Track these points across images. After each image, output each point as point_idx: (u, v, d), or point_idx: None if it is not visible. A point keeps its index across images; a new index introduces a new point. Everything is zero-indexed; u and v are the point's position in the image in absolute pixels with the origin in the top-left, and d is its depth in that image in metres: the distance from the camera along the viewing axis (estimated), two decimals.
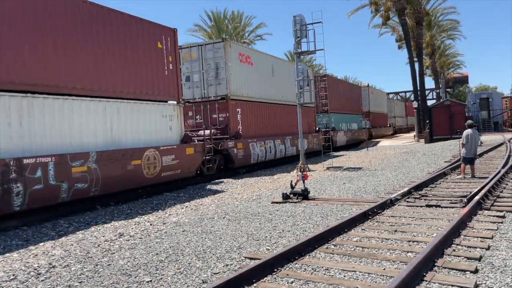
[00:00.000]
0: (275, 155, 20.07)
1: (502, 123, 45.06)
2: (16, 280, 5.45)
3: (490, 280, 4.59)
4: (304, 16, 16.25)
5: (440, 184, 11.24)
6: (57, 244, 7.26)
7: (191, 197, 11.97)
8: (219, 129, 16.80)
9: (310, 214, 8.33)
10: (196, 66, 17.45)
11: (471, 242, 5.93)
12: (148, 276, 5.31)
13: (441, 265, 5.00)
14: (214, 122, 17.11)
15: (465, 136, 12.19)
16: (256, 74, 19.15)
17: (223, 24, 42.93)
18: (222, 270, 5.37)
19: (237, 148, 16.78)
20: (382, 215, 7.89)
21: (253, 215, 8.57)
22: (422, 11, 39.33)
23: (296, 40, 16.38)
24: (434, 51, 55.48)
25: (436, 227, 6.81)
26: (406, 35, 37.34)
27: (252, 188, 12.99)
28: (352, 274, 4.94)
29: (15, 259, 6.47)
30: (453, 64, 69.78)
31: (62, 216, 9.64)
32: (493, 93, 48.26)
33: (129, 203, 11.12)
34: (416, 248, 5.73)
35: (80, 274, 5.53)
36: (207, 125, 16.63)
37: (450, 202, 8.55)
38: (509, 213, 7.57)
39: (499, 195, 9.05)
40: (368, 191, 10.90)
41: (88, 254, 6.47)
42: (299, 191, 9.95)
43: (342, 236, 6.56)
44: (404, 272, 4.41)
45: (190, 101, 17.50)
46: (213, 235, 7.12)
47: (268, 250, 6.12)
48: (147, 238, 7.30)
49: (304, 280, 4.81)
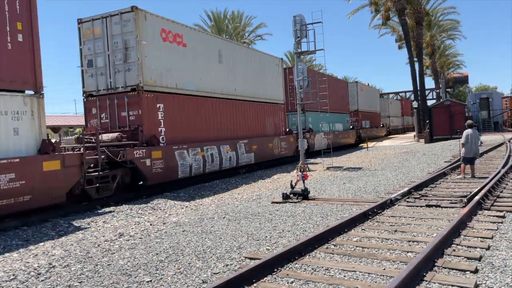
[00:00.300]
0: (221, 165, 15.47)
1: (502, 123, 45.07)
2: (16, 280, 5.45)
3: (490, 280, 4.59)
4: (304, 16, 16.24)
5: (440, 184, 11.23)
6: (57, 244, 7.26)
7: (191, 197, 11.96)
8: (127, 132, 12.30)
9: (310, 214, 8.33)
10: (100, 46, 12.87)
11: (471, 242, 5.93)
12: (148, 276, 5.31)
13: (441, 265, 5.00)
14: (124, 122, 12.63)
15: (465, 136, 12.18)
16: (192, 59, 14.51)
17: (223, 24, 42.96)
18: (222, 270, 5.37)
19: (152, 158, 12.19)
20: (382, 215, 7.89)
21: (253, 215, 8.57)
22: (422, 11, 39.34)
23: (296, 40, 16.37)
24: (434, 51, 55.50)
25: (436, 227, 6.81)
26: (406, 35, 37.35)
27: (252, 188, 12.99)
28: (352, 274, 4.94)
29: (15, 259, 6.47)
30: (453, 64, 69.83)
31: (62, 216, 9.64)
32: (493, 93, 48.27)
33: (129, 203, 11.11)
34: (416, 248, 5.72)
35: (80, 274, 5.53)
36: (114, 126, 12.71)
37: (450, 202, 8.55)
38: (509, 213, 7.57)
39: (499, 195, 9.05)
40: (368, 191, 10.90)
41: (88, 254, 6.47)
42: (299, 191, 9.95)
43: (342, 236, 6.56)
44: (404, 272, 4.41)
45: (93, 93, 13.09)
46: (213, 235, 7.12)
47: (268, 250, 6.12)
48: (147, 238, 7.30)
49: (304, 280, 4.81)
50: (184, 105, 14.13)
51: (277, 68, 21.44)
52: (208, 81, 15.43)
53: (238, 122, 17.34)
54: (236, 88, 17.24)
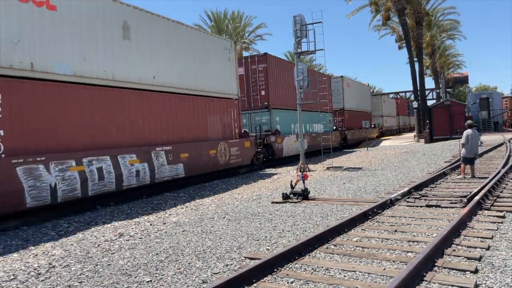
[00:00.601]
0: (120, 182, 11.02)
1: (502, 123, 45.11)
2: (16, 280, 5.45)
3: (490, 280, 4.59)
4: (304, 16, 16.25)
5: (440, 184, 11.24)
6: (57, 244, 7.26)
7: (191, 197, 11.96)
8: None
9: (310, 214, 8.33)
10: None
11: (471, 242, 5.93)
12: (148, 276, 5.31)
13: (441, 265, 5.00)
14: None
15: (465, 136, 12.19)
16: (68, 29, 10.18)
17: (223, 24, 42.96)
18: (222, 270, 5.37)
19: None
20: (382, 215, 7.89)
21: (253, 215, 8.57)
22: (422, 11, 39.33)
23: (296, 40, 16.37)
24: (434, 51, 55.47)
25: (436, 227, 6.81)
26: (406, 35, 37.34)
27: (252, 188, 12.99)
28: (352, 274, 4.94)
29: (15, 259, 6.47)
30: (453, 64, 69.79)
31: (62, 216, 9.64)
32: (493, 93, 48.28)
33: (129, 203, 11.11)
34: (416, 248, 5.72)
35: (80, 274, 5.53)
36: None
37: (450, 202, 8.55)
38: (509, 213, 7.57)
39: (499, 195, 9.05)
40: (368, 191, 10.90)
41: (88, 254, 6.47)
42: (299, 191, 9.95)
43: (342, 236, 6.56)
44: (404, 272, 4.41)
45: None
46: (213, 235, 7.12)
47: (268, 250, 6.12)
48: (147, 238, 7.30)
49: (304, 280, 4.81)
50: (51, 96, 9.73)
51: (228, 53, 16.68)
52: (99, 63, 10.95)
53: (159, 122, 12.84)
54: (156, 76, 12.83)
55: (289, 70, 22.44)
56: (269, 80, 20.32)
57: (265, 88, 20.18)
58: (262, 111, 20.54)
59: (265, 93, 20.26)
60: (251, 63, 20.53)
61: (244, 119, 20.30)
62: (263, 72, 20.29)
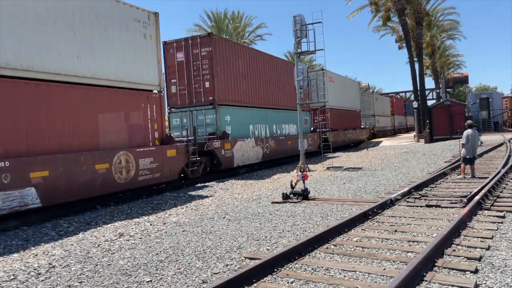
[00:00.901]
0: None
1: (502, 123, 45.12)
2: (16, 280, 5.45)
3: (490, 280, 4.59)
4: (304, 16, 16.25)
5: (440, 184, 11.23)
6: (57, 244, 7.26)
7: (191, 197, 11.96)
8: None
9: (310, 214, 8.33)
10: None
11: (471, 242, 5.93)
12: (148, 276, 5.31)
13: (441, 265, 5.00)
14: None
15: (465, 136, 12.19)
16: None
17: (223, 24, 42.96)
18: (222, 270, 5.37)
19: None
20: (382, 215, 7.89)
21: (253, 215, 8.57)
22: (422, 11, 39.36)
23: (296, 40, 16.38)
24: (434, 51, 55.50)
25: (436, 227, 6.81)
26: (406, 35, 37.36)
27: (252, 188, 12.99)
28: (352, 274, 4.94)
29: (15, 259, 6.47)
30: (453, 64, 69.83)
31: (62, 216, 9.64)
32: (493, 93, 48.30)
33: (129, 203, 11.12)
34: (416, 248, 5.72)
35: (80, 274, 5.53)
36: None
37: (450, 202, 8.55)
38: (509, 213, 7.57)
39: (499, 195, 9.05)
40: (368, 191, 10.90)
41: (88, 254, 6.47)
42: (299, 191, 9.95)
43: (342, 236, 6.56)
44: (404, 272, 4.41)
45: None
46: (213, 235, 7.12)
47: (268, 250, 6.12)
48: (147, 238, 7.30)
49: (304, 280, 4.81)
50: None
51: (142, 28, 12.12)
52: None
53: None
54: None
55: (246, 56, 18.23)
56: (216, 68, 15.82)
57: (210, 78, 15.78)
58: (206, 108, 16.14)
59: (210, 85, 15.83)
60: (192, 46, 15.98)
61: (185, 118, 16.49)
62: (207, 58, 15.78)
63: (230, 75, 16.97)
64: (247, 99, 18.24)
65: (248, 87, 18.29)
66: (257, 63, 19.23)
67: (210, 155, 15.46)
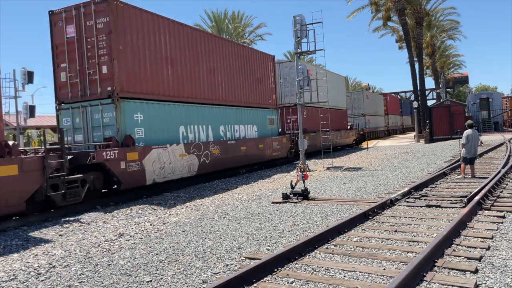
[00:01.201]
0: None
1: (502, 123, 45.09)
2: (16, 280, 5.45)
3: (490, 280, 4.59)
4: (304, 16, 16.24)
5: (440, 184, 11.23)
6: (57, 244, 7.26)
7: (191, 197, 11.97)
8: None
9: (310, 214, 8.33)
10: None
11: (471, 242, 5.93)
12: (148, 276, 5.31)
13: (441, 265, 5.00)
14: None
15: (465, 136, 12.19)
16: None
17: (223, 24, 42.97)
18: (222, 270, 5.37)
19: None
20: (382, 215, 7.89)
21: (253, 215, 8.57)
22: (422, 11, 39.38)
23: (296, 40, 16.37)
24: (434, 51, 55.51)
25: (436, 227, 6.81)
26: (406, 35, 37.37)
27: (252, 188, 12.99)
28: (352, 274, 4.94)
29: (15, 259, 6.47)
30: (453, 64, 69.88)
31: (62, 216, 9.64)
32: (493, 93, 48.25)
33: (129, 203, 11.11)
34: (416, 248, 5.72)
35: (80, 274, 5.53)
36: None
37: (450, 202, 8.55)
38: (509, 213, 7.57)
39: (499, 195, 9.05)
40: (368, 191, 10.90)
41: (88, 254, 6.47)
42: (299, 191, 9.95)
43: (342, 236, 6.55)
44: (404, 272, 4.41)
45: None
46: (213, 235, 7.12)
47: (268, 250, 6.12)
48: (147, 238, 7.30)
49: (304, 280, 4.81)
50: None
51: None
52: None
53: None
54: None
55: (175, 34, 13.51)
56: (117, 46, 11.38)
57: (107, 61, 11.35)
58: (103, 102, 11.61)
59: (108, 71, 11.38)
60: (85, 16, 11.62)
61: (77, 117, 12.08)
62: (104, 31, 11.39)
63: (145, 58, 12.35)
64: (176, 92, 13.55)
65: (178, 76, 13.68)
66: (196, 44, 14.53)
67: (104, 170, 10.91)
